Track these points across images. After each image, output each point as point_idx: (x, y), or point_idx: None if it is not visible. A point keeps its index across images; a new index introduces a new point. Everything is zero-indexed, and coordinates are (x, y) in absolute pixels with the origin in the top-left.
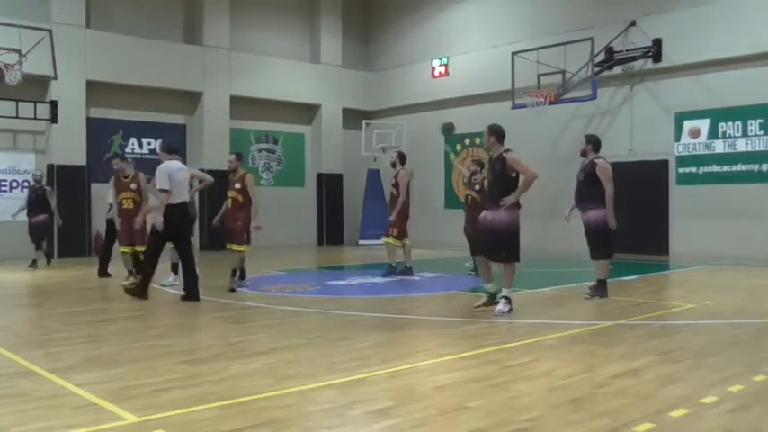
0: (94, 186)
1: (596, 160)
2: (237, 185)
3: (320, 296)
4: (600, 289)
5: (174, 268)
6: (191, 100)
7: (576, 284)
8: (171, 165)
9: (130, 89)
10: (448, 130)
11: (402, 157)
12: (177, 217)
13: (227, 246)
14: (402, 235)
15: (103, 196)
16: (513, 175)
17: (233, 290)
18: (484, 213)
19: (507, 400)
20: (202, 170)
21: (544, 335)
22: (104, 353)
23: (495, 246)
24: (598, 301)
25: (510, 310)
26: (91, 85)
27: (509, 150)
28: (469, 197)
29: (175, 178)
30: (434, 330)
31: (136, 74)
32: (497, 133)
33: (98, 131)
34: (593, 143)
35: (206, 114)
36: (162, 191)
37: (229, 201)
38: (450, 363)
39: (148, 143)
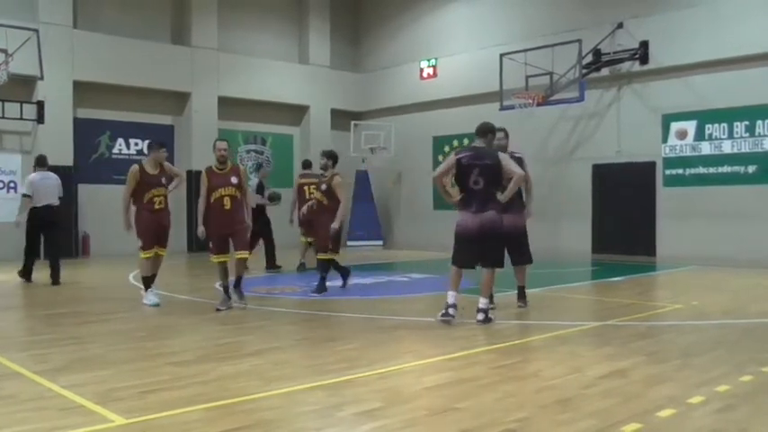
0: (81, 187)
1: (517, 154)
2: (234, 179)
3: (308, 297)
4: (525, 297)
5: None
6: (179, 100)
7: (564, 285)
8: (36, 174)
9: (118, 89)
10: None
11: (303, 163)
12: (41, 216)
13: (237, 254)
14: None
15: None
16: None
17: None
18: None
19: (495, 400)
20: (190, 171)
21: (532, 336)
22: (91, 354)
23: None
24: (585, 301)
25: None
26: (78, 86)
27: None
28: (226, 197)
29: (39, 185)
30: (422, 331)
31: (123, 74)
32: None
33: (85, 132)
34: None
35: (194, 115)
36: (23, 195)
37: (226, 200)
38: (439, 364)
39: (136, 144)
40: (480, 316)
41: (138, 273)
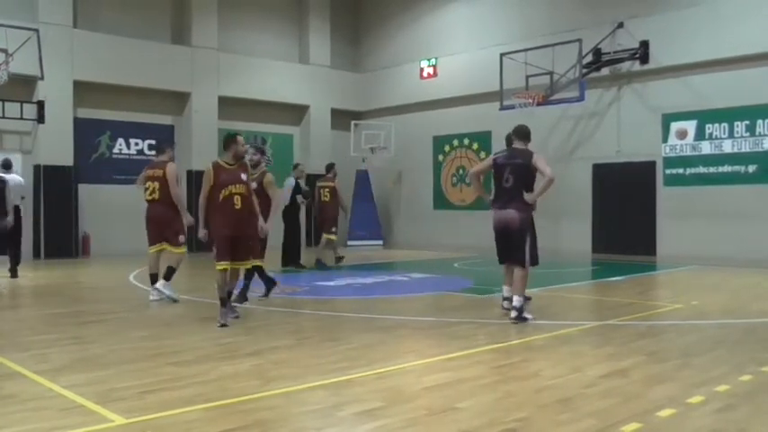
0: (81, 187)
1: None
2: (244, 176)
3: (309, 297)
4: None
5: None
6: (179, 100)
7: (564, 285)
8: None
9: (118, 89)
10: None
11: (326, 167)
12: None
13: (243, 262)
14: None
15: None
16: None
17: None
18: None
19: (496, 400)
20: (190, 171)
21: (532, 335)
22: (91, 354)
23: None
24: (585, 301)
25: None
26: (78, 86)
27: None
28: (237, 196)
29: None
30: (423, 331)
31: (123, 74)
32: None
33: (85, 132)
34: None
35: (194, 115)
36: None
37: (237, 198)
38: (439, 363)
39: (136, 144)
40: (513, 314)
41: (170, 270)
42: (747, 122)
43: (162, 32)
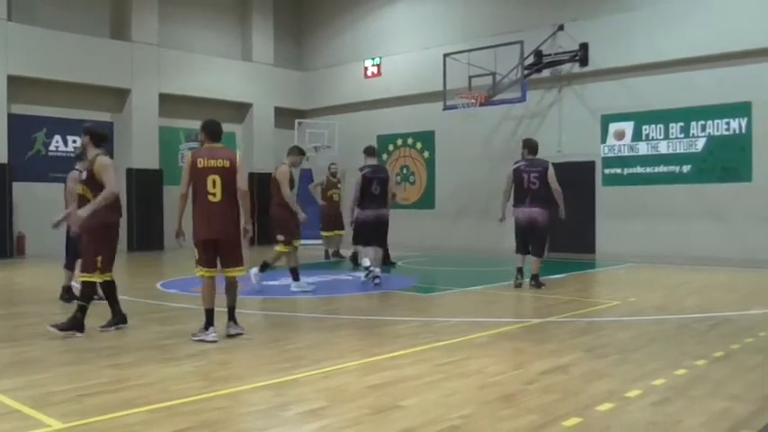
0: (16, 185)
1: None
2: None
3: (253, 297)
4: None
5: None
6: (118, 97)
7: (507, 283)
8: None
9: (55, 85)
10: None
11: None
12: None
13: (229, 271)
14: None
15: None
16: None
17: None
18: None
19: (440, 398)
20: (130, 169)
21: (475, 333)
22: (27, 357)
23: None
24: (527, 299)
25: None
26: (13, 81)
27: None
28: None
29: None
30: (367, 330)
31: (61, 69)
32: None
33: (20, 128)
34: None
35: (134, 112)
36: None
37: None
38: (383, 362)
39: (73, 141)
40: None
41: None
42: (682, 124)
43: (101, 27)
